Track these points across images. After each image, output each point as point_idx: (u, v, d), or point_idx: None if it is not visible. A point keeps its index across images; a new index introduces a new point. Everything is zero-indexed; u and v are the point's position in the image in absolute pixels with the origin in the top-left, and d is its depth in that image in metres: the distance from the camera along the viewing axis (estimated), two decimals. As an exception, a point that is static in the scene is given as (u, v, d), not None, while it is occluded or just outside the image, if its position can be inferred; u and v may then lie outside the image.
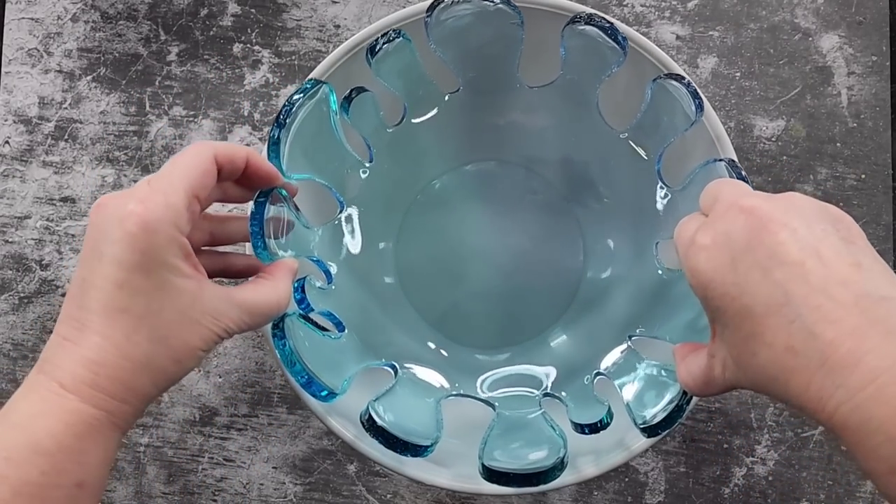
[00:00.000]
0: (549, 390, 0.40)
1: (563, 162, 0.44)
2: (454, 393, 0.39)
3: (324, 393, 0.33)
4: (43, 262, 0.50)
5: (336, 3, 0.50)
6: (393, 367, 0.38)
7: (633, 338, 0.39)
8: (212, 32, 0.51)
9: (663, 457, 0.47)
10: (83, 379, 0.28)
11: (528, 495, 0.47)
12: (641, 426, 0.34)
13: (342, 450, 0.48)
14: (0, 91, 0.51)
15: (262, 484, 0.48)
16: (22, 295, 0.50)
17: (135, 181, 0.50)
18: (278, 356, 0.33)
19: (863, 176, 0.48)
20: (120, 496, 0.48)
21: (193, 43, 0.51)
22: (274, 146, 0.34)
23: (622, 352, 0.39)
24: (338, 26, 0.50)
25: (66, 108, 0.51)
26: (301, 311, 0.35)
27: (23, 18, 0.51)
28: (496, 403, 0.38)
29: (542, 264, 0.45)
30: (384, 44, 0.37)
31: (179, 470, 0.48)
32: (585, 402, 0.37)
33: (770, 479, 0.47)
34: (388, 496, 0.47)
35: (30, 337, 0.49)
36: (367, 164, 0.41)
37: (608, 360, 0.39)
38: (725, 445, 0.47)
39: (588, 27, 0.37)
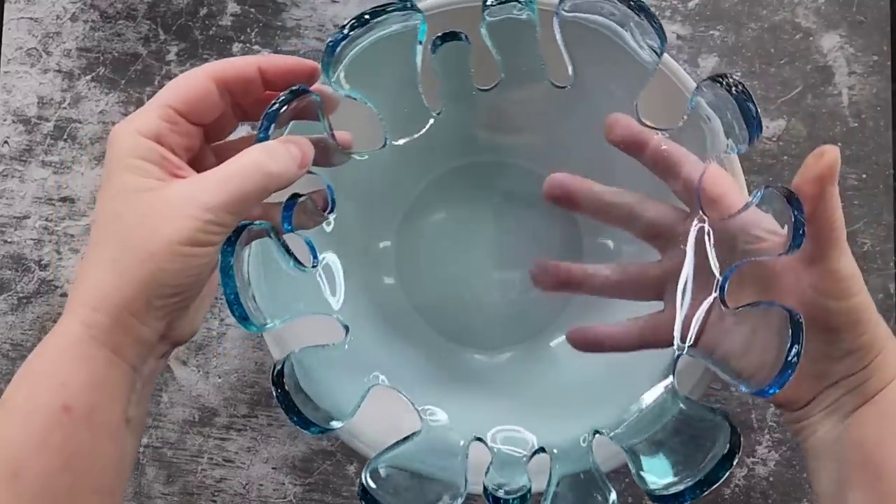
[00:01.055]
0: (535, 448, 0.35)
1: (564, 161, 0.44)
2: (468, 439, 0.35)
3: (244, 319, 0.29)
4: (42, 263, 0.50)
5: (336, 2, 0.50)
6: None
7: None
8: (211, 32, 0.51)
9: (664, 457, 0.47)
10: (71, 298, 0.28)
11: (529, 496, 0.47)
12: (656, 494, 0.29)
13: (342, 450, 0.48)
14: (-1, 91, 0.51)
15: (261, 484, 0.48)
16: (21, 295, 0.50)
17: (134, 181, 0.50)
18: (219, 262, 0.29)
19: (864, 176, 0.48)
20: (119, 497, 0.48)
21: (193, 42, 0.50)
22: (329, 55, 0.30)
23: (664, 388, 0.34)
24: (337, 26, 0.50)
25: (65, 108, 0.51)
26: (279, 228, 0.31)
27: (22, 18, 0.51)
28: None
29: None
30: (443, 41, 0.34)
31: (179, 470, 0.48)
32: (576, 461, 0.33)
33: (771, 479, 0.47)
34: (388, 497, 0.47)
35: (29, 337, 0.49)
36: (434, 115, 0.36)
37: (648, 398, 0.35)
38: (726, 446, 0.47)
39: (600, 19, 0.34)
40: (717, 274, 0.33)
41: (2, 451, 0.26)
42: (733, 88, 0.30)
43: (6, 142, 0.50)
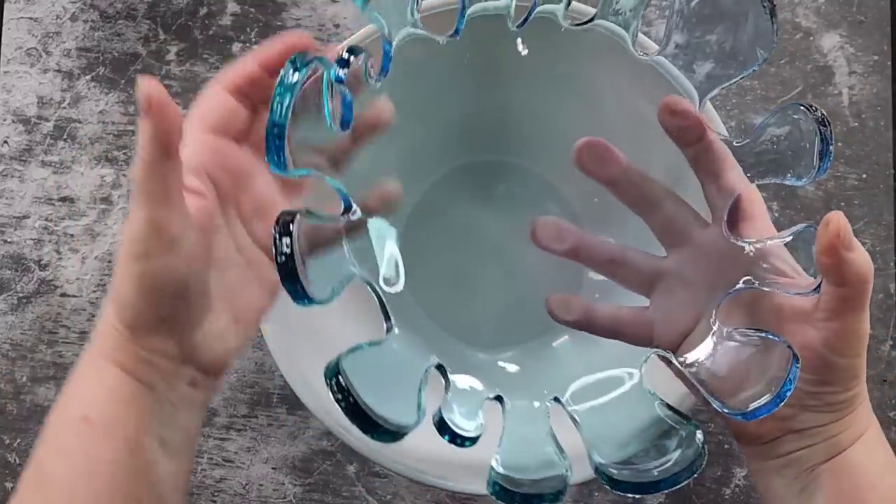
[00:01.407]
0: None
1: (565, 159, 0.44)
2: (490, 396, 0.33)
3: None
4: (42, 263, 0.50)
5: (336, 2, 0.50)
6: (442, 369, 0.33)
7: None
8: (211, 32, 0.51)
9: (664, 457, 0.47)
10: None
11: (529, 496, 0.47)
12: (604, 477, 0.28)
13: (342, 450, 0.48)
14: (-1, 90, 0.51)
15: (261, 485, 0.48)
16: (21, 295, 0.50)
17: (134, 181, 0.50)
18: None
19: (864, 176, 0.48)
20: (119, 497, 0.48)
21: (192, 42, 0.50)
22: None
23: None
24: (337, 25, 0.50)
25: (64, 108, 0.51)
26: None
27: (21, 18, 0.51)
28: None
29: (545, 263, 0.45)
30: None
31: (179, 471, 0.48)
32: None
33: (771, 479, 0.47)
34: (388, 497, 0.47)
35: (28, 337, 0.49)
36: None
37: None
38: (727, 446, 0.47)
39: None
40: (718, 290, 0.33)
41: (32, 459, 0.28)
42: (818, 116, 0.29)
43: (6, 142, 0.50)
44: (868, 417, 0.32)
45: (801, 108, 0.29)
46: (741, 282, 0.32)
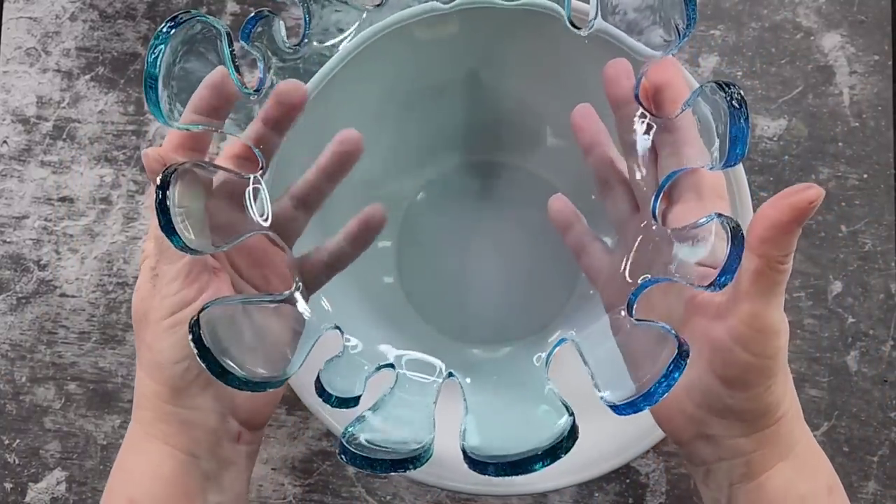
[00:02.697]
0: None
1: (560, 157, 0.44)
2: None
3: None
4: (41, 263, 0.50)
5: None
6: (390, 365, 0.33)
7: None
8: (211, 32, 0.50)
9: (664, 458, 0.47)
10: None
11: (529, 497, 0.47)
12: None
13: (341, 451, 0.48)
14: (-2, 90, 0.51)
15: (261, 485, 0.48)
16: (20, 295, 0.49)
17: (133, 181, 0.50)
18: None
19: (865, 176, 0.48)
20: (118, 497, 0.48)
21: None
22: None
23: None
24: (338, 27, 0.50)
25: (64, 108, 0.50)
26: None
27: (21, 17, 0.51)
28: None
29: (541, 259, 0.45)
30: None
31: (178, 471, 0.48)
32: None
33: (772, 480, 0.47)
34: (388, 497, 0.47)
35: (28, 337, 0.49)
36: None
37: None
38: (727, 446, 0.47)
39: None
40: (629, 279, 0.31)
41: None
42: (734, 101, 0.27)
43: (5, 141, 0.50)
44: (795, 440, 0.29)
45: (716, 85, 0.27)
46: (648, 274, 0.30)
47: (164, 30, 0.27)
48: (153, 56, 0.26)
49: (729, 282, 0.25)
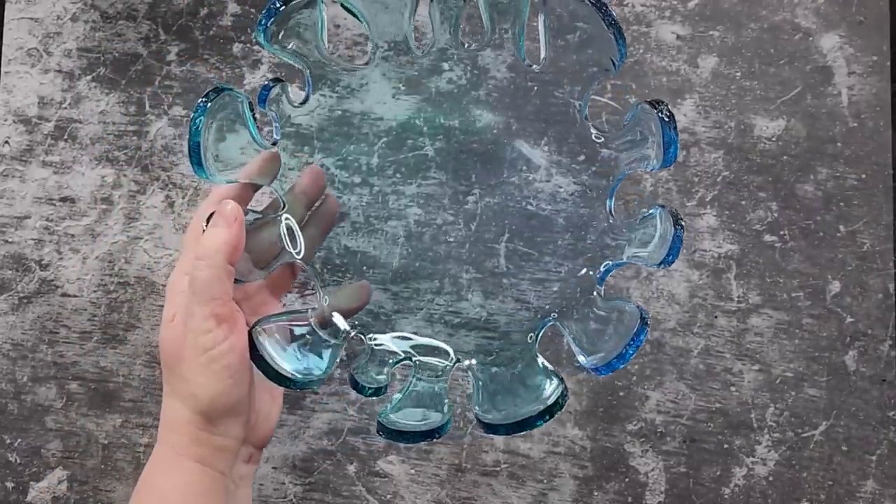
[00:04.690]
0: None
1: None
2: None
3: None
4: (42, 263, 0.50)
5: (336, 2, 0.50)
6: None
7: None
8: (212, 32, 0.51)
9: (663, 457, 0.47)
10: (159, 429, 0.34)
11: (529, 496, 0.47)
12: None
13: (342, 450, 0.48)
14: (0, 91, 0.51)
15: (261, 484, 0.48)
16: (21, 295, 0.50)
17: (134, 181, 0.50)
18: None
19: (863, 176, 0.48)
20: (120, 496, 0.48)
21: (193, 43, 0.51)
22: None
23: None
24: (338, 26, 0.50)
25: (65, 108, 0.51)
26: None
27: (22, 18, 0.51)
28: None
29: (532, 248, 0.45)
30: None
31: (179, 470, 0.48)
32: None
33: (770, 479, 0.47)
34: (388, 496, 0.47)
35: (29, 337, 0.49)
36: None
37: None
38: (726, 446, 0.47)
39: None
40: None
41: None
42: (664, 115, 0.33)
43: (7, 142, 0.51)
44: None
45: (648, 105, 0.34)
46: (609, 261, 0.38)
47: (201, 103, 0.32)
48: (195, 126, 0.32)
49: (675, 260, 0.31)
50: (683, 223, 0.33)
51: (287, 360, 0.34)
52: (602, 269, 0.39)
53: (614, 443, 0.47)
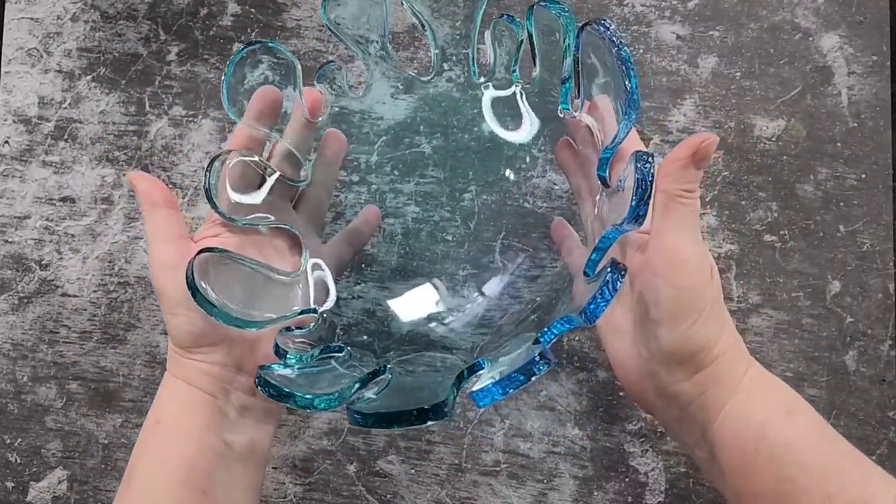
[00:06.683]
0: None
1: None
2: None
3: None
4: (42, 262, 0.50)
5: (336, 3, 0.50)
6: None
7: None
8: (212, 32, 0.51)
9: (664, 457, 0.47)
10: None
11: (529, 496, 0.47)
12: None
13: (342, 450, 0.48)
14: (0, 91, 0.51)
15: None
16: (21, 295, 0.50)
17: (134, 181, 0.50)
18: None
19: (863, 176, 0.48)
20: (119, 496, 0.48)
21: (193, 43, 0.51)
22: None
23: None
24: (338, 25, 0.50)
25: (65, 108, 0.51)
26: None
27: (22, 18, 0.51)
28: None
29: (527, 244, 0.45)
30: None
31: (179, 470, 0.48)
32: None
33: (770, 479, 0.47)
34: (388, 496, 0.47)
35: (29, 337, 0.49)
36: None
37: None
38: (726, 445, 0.47)
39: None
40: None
41: (129, 463, 0.35)
42: (643, 168, 0.29)
43: (7, 142, 0.51)
44: (739, 376, 0.32)
45: (642, 156, 0.29)
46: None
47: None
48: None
49: (644, 211, 0.27)
50: (646, 159, 0.29)
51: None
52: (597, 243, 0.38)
53: (614, 443, 0.47)
